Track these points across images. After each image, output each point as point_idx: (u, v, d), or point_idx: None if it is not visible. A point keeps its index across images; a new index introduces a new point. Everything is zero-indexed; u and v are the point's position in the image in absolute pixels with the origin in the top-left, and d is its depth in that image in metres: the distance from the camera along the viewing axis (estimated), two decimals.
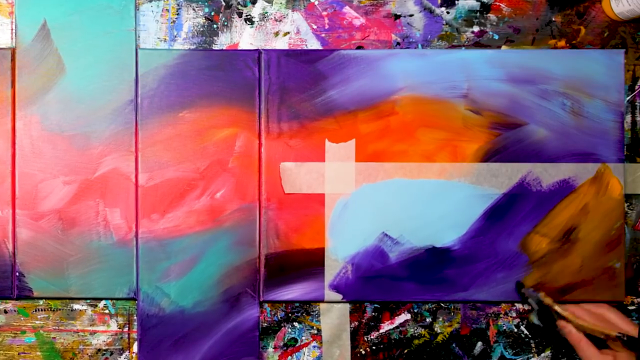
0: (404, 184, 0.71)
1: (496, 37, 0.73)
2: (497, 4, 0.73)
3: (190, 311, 0.72)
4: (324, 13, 0.73)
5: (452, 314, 0.74)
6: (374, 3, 0.73)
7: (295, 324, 0.74)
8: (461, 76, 0.71)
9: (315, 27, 0.73)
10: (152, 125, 0.71)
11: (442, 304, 0.74)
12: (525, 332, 0.74)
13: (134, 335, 0.73)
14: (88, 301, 0.73)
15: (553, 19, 0.73)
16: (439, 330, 0.74)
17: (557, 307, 0.66)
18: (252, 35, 0.73)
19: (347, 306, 0.73)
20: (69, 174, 0.71)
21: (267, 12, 0.73)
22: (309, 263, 0.72)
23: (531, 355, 0.74)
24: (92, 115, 0.71)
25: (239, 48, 0.73)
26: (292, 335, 0.74)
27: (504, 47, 0.73)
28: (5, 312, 0.73)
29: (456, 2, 0.73)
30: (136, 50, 0.71)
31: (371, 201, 0.72)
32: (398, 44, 0.73)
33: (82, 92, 0.71)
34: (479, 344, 0.74)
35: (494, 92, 0.71)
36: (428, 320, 0.74)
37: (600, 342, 0.64)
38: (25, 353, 0.73)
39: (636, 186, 0.73)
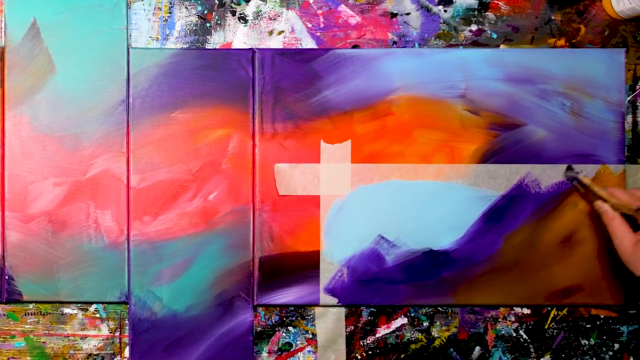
0: (400, 185, 0.70)
1: (494, 36, 0.72)
2: (496, 2, 0.72)
3: (182, 315, 0.70)
4: (319, 11, 0.72)
5: (450, 318, 0.73)
6: (370, 1, 0.72)
7: (290, 328, 0.73)
8: (459, 76, 0.70)
9: (310, 25, 0.72)
10: (144, 126, 0.70)
11: (440, 308, 0.73)
12: (524, 336, 0.73)
13: (126, 339, 0.72)
14: (79, 305, 0.72)
15: (552, 18, 0.72)
16: (436, 335, 0.73)
17: (595, 188, 0.65)
18: (246, 34, 0.72)
19: (343, 310, 0.72)
20: (59, 175, 0.70)
21: (261, 11, 0.72)
22: (303, 266, 0.71)
23: None
24: (83, 116, 0.70)
25: (233, 47, 0.72)
26: (287, 340, 0.73)
27: (502, 46, 0.72)
28: None
29: (454, 0, 0.72)
30: (128, 49, 0.70)
31: (367, 203, 0.70)
32: (394, 43, 0.72)
33: (72, 92, 0.70)
34: (477, 348, 0.73)
35: (492, 92, 0.70)
36: (425, 324, 0.73)
37: (637, 226, 0.62)
38: (14, 358, 0.72)
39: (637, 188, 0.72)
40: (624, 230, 0.61)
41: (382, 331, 0.73)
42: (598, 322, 0.73)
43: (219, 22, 0.72)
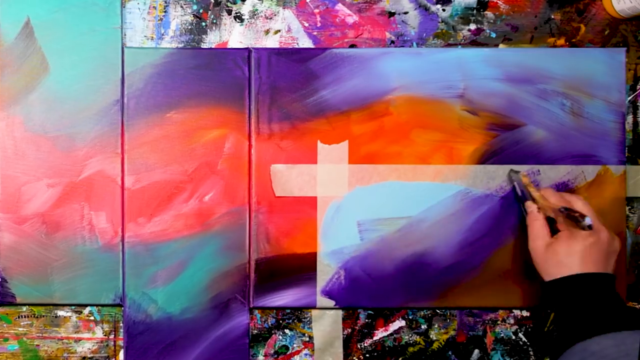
0: (398, 186, 0.70)
1: (493, 35, 0.71)
2: (495, 1, 0.71)
3: (178, 318, 0.70)
4: (316, 10, 0.71)
5: (448, 320, 0.72)
6: (367, 0, 0.71)
7: (287, 331, 0.72)
8: (457, 76, 0.69)
9: (307, 24, 0.71)
10: (139, 126, 0.69)
11: (438, 311, 0.72)
12: (524, 339, 0.72)
13: (120, 342, 0.71)
14: (73, 307, 0.71)
15: (552, 17, 0.71)
16: (434, 338, 0.72)
17: (531, 188, 0.65)
18: (242, 34, 0.71)
19: (340, 313, 0.72)
20: (53, 176, 0.69)
21: (257, 10, 0.71)
22: (300, 268, 0.70)
23: None
24: (77, 116, 0.69)
25: (229, 47, 0.71)
26: (283, 343, 0.72)
27: (501, 46, 0.71)
28: None
29: None
30: (122, 48, 0.69)
31: (364, 204, 0.70)
32: (392, 42, 0.71)
33: (66, 92, 0.69)
34: (476, 351, 0.72)
35: (491, 92, 0.69)
36: (423, 327, 0.72)
37: (555, 232, 0.63)
38: None
39: (637, 189, 0.71)
40: (542, 232, 0.62)
41: (379, 334, 0.72)
42: None
43: (214, 21, 0.71)
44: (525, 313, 0.72)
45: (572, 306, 0.57)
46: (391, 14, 0.71)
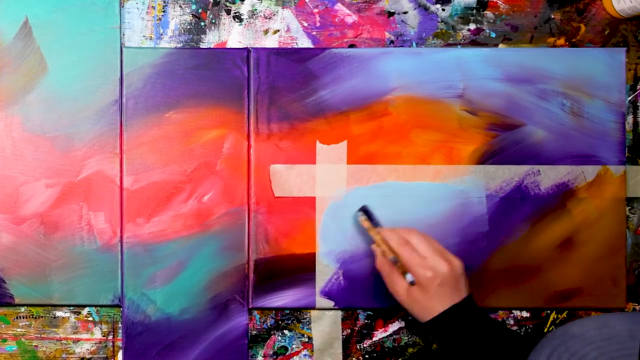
0: (397, 186, 0.69)
1: (493, 35, 0.71)
2: (495, 0, 0.71)
3: (176, 318, 0.70)
4: (315, 10, 0.71)
5: None
6: (366, 0, 0.71)
7: (286, 331, 0.72)
8: (457, 76, 0.69)
9: (306, 24, 0.71)
10: (138, 127, 0.69)
11: None
12: None
13: (119, 343, 0.71)
14: (71, 308, 0.71)
15: (552, 17, 0.71)
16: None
17: (371, 232, 0.64)
18: (241, 33, 0.71)
19: (339, 313, 0.71)
20: (52, 176, 0.69)
21: (256, 9, 0.71)
22: (299, 269, 0.70)
23: None
24: (76, 116, 0.69)
25: (227, 46, 0.71)
26: (282, 344, 0.72)
27: (501, 46, 0.71)
28: None
29: None
30: (121, 48, 0.69)
31: (363, 205, 0.69)
32: (392, 42, 0.71)
33: (65, 92, 0.69)
34: None
35: (490, 92, 0.69)
36: None
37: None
38: None
39: (637, 189, 0.71)
40: (394, 276, 0.61)
41: (379, 335, 0.72)
42: None
43: (213, 21, 0.71)
44: (525, 313, 0.72)
45: (453, 342, 0.58)
46: (390, 14, 0.71)
